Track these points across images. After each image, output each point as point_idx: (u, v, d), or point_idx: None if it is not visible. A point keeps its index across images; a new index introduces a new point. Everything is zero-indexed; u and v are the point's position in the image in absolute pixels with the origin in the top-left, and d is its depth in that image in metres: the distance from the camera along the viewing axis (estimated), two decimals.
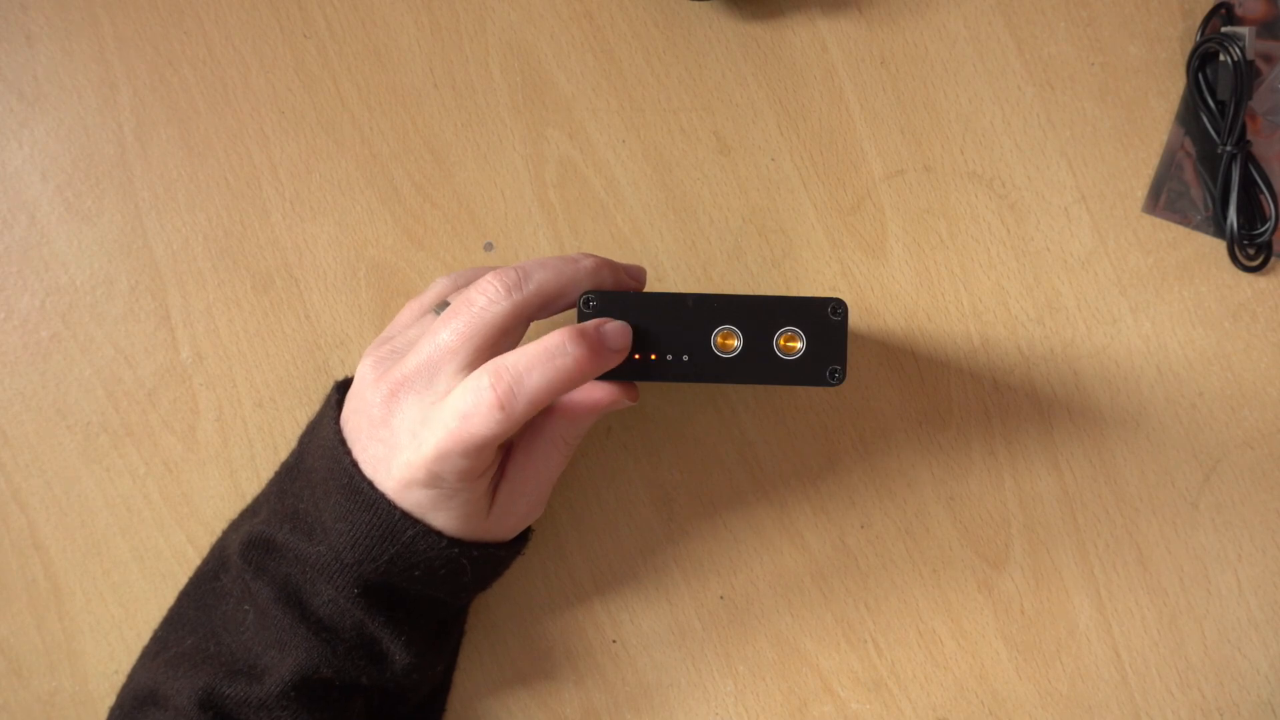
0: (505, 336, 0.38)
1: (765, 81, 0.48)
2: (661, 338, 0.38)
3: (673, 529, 0.48)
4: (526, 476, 0.41)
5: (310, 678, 0.40)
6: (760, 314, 0.38)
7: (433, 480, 0.38)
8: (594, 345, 0.36)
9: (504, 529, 0.42)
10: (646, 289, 0.45)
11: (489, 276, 0.38)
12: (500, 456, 0.41)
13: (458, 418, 0.36)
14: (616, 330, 0.37)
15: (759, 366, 0.38)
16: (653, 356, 0.38)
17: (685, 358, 0.38)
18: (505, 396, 0.36)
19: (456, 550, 0.40)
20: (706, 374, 0.38)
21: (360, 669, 0.41)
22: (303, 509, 0.41)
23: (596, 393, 0.40)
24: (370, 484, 0.39)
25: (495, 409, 0.36)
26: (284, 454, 0.46)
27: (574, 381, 0.36)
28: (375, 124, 0.48)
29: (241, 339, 0.48)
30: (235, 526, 0.45)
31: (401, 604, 0.41)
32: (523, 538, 0.44)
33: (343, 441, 0.40)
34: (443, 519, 0.39)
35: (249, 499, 0.46)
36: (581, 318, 0.38)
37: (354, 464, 0.39)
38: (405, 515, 0.39)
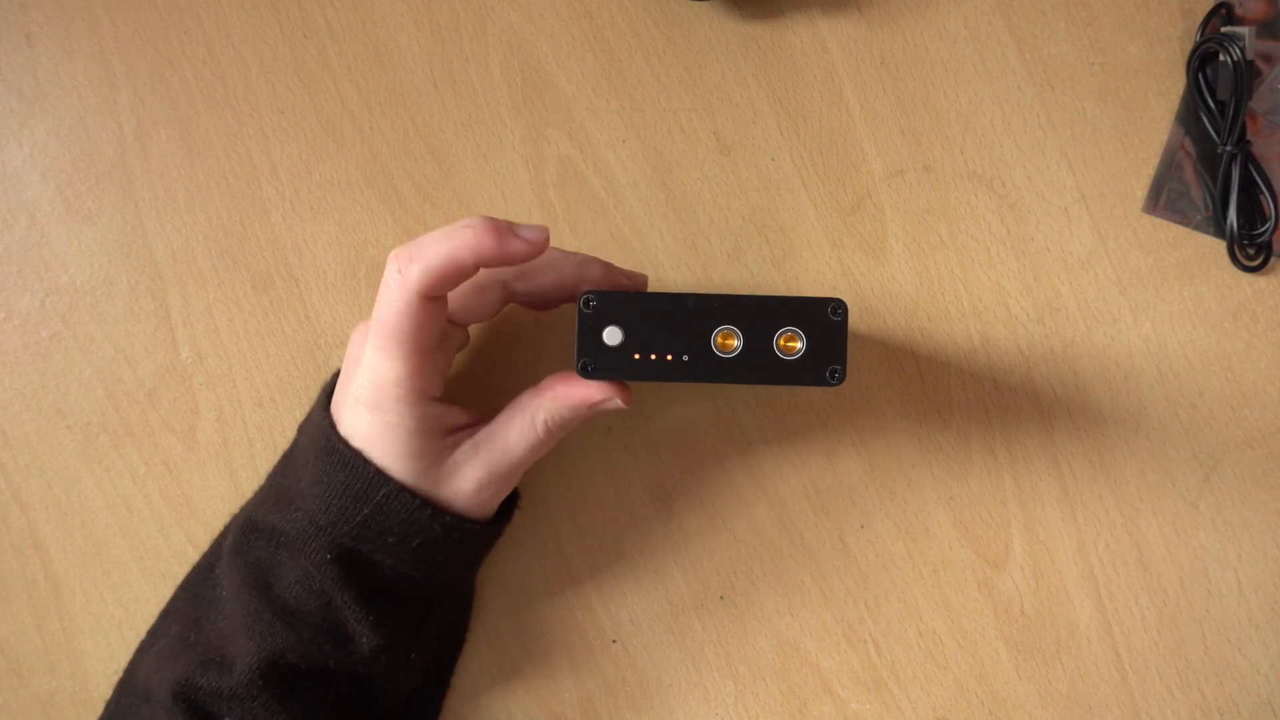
0: (482, 293, 0.41)
1: (765, 81, 0.48)
2: (661, 338, 0.38)
3: (673, 529, 0.48)
4: (493, 442, 0.41)
5: (276, 663, 0.40)
6: (760, 314, 0.38)
7: (374, 401, 0.39)
8: (498, 226, 0.37)
9: (464, 494, 0.41)
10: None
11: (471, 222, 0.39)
12: (473, 419, 0.42)
13: (376, 316, 0.38)
14: (529, 227, 0.38)
15: (759, 366, 0.38)
16: (653, 356, 0.38)
17: (685, 358, 0.38)
18: (403, 262, 0.37)
19: (428, 513, 0.40)
20: (706, 374, 0.38)
21: (326, 652, 0.40)
22: (287, 485, 0.42)
23: (591, 388, 0.40)
24: (345, 441, 0.39)
25: (394, 275, 0.37)
26: None
27: (471, 251, 0.37)
28: (375, 124, 0.48)
29: (241, 339, 0.48)
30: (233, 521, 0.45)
31: (374, 581, 0.41)
32: (501, 519, 0.43)
33: (328, 415, 0.41)
34: (388, 457, 0.39)
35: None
36: (582, 318, 0.38)
37: (332, 425, 0.40)
38: (379, 472, 0.39)
